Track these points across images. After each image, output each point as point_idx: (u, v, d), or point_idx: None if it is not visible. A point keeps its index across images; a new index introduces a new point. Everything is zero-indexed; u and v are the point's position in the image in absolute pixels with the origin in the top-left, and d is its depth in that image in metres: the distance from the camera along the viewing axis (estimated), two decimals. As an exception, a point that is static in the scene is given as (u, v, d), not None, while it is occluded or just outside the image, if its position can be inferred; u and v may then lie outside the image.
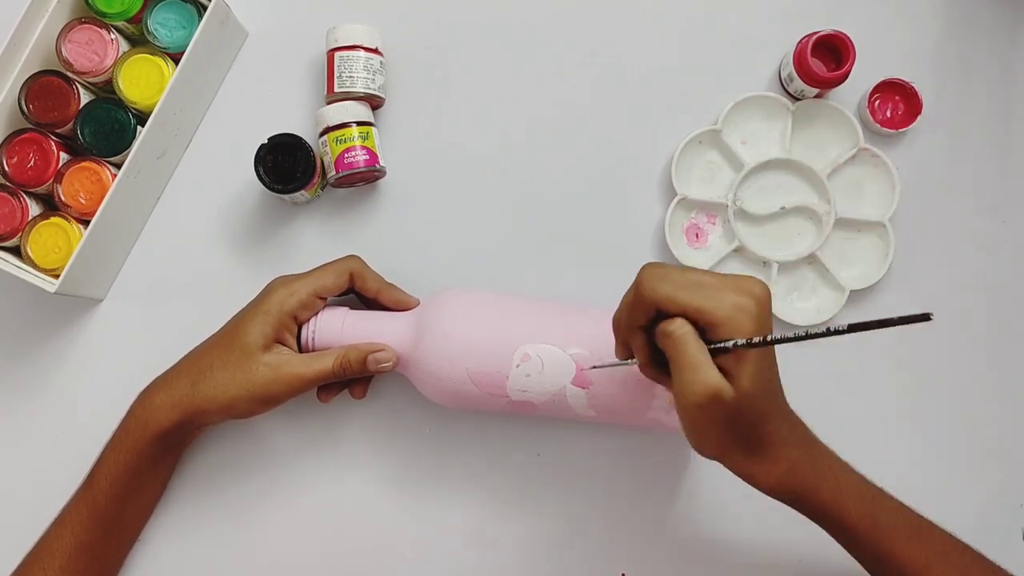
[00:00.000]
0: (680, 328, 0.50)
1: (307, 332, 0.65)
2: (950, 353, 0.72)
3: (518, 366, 0.62)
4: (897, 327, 0.43)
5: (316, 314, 0.65)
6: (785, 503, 0.57)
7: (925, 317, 0.42)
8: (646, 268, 0.52)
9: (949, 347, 0.72)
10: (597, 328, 0.62)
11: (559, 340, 0.62)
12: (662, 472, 0.71)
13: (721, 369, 0.49)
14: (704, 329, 0.50)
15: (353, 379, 0.68)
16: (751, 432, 0.52)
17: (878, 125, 0.71)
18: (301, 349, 0.65)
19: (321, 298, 0.65)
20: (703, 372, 0.49)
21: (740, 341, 0.49)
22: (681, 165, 0.72)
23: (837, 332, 0.47)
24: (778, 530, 0.71)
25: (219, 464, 0.71)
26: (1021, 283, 0.73)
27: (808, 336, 0.48)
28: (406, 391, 0.70)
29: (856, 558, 0.60)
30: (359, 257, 0.67)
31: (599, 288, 0.69)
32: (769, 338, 0.49)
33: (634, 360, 0.55)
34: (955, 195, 0.73)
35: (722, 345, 0.49)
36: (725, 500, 0.71)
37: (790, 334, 0.49)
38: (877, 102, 0.72)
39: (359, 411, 0.71)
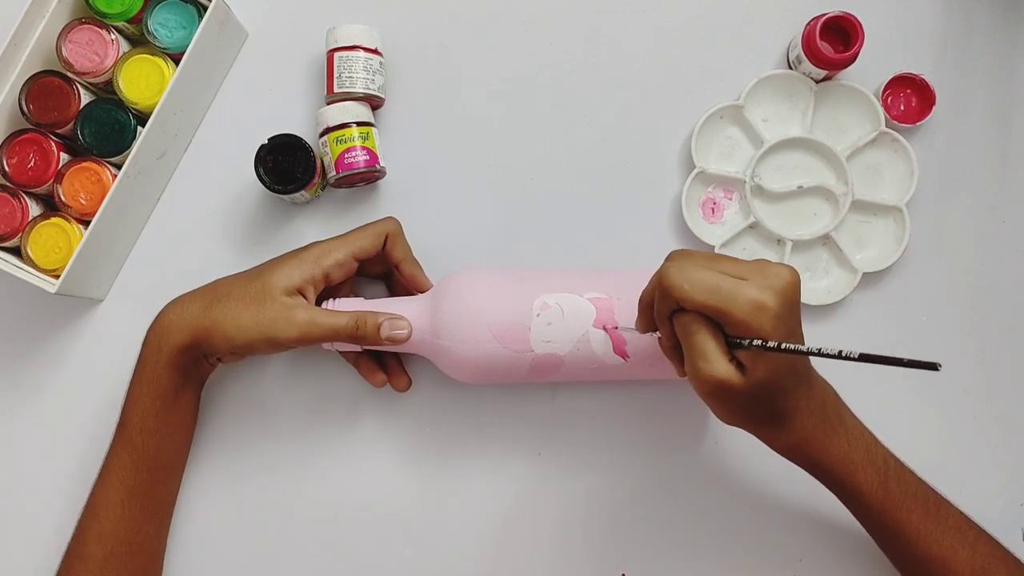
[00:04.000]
0: (690, 321, 0.52)
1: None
2: (951, 351, 0.72)
3: (539, 315, 0.62)
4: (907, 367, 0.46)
5: (335, 299, 0.66)
6: (797, 465, 0.59)
7: (933, 366, 0.45)
8: (669, 261, 0.54)
9: (950, 344, 0.72)
10: (611, 277, 0.64)
11: (576, 288, 0.63)
12: (663, 473, 0.71)
13: (739, 358, 0.51)
14: (723, 325, 0.51)
15: (386, 367, 0.69)
16: (766, 409, 0.54)
17: (895, 121, 0.71)
18: None
19: (357, 260, 0.65)
20: (710, 363, 0.51)
21: (756, 342, 0.50)
22: (701, 139, 0.72)
23: (848, 357, 0.49)
24: (777, 531, 0.71)
25: (237, 436, 0.72)
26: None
27: (820, 354, 0.49)
28: (419, 382, 0.70)
29: (866, 528, 0.62)
30: (397, 220, 0.68)
31: (614, 262, 0.72)
32: (783, 346, 0.50)
33: (657, 333, 0.57)
34: (969, 185, 0.73)
35: (738, 341, 0.51)
36: (726, 502, 0.71)
37: (803, 347, 0.50)
38: (890, 99, 0.72)
39: (371, 398, 0.72)
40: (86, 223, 0.67)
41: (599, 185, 0.73)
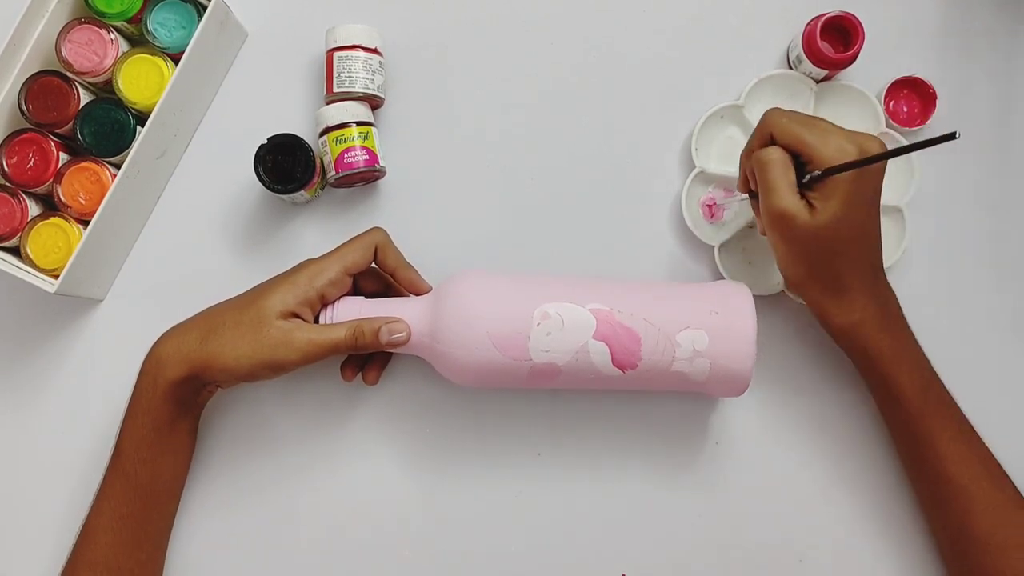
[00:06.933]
0: (768, 154, 0.58)
1: (325, 318, 0.65)
2: (950, 351, 0.72)
3: (538, 325, 0.62)
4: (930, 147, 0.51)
5: (334, 302, 0.65)
6: (846, 351, 0.62)
7: (951, 136, 0.49)
8: (774, 107, 0.61)
9: (949, 344, 0.72)
10: (613, 287, 0.64)
11: (577, 298, 0.63)
12: (663, 473, 0.71)
13: (810, 202, 0.58)
14: (805, 162, 0.57)
15: (368, 361, 0.69)
16: (828, 267, 0.58)
17: (898, 125, 0.71)
18: None
19: (350, 275, 0.65)
20: (779, 194, 0.58)
21: (817, 173, 0.56)
22: (701, 139, 0.72)
23: (888, 155, 0.56)
24: (777, 531, 0.71)
25: (237, 445, 0.72)
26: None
27: (864, 163, 0.56)
28: (418, 384, 0.70)
29: (895, 435, 0.64)
30: (383, 230, 0.67)
31: (613, 262, 0.72)
32: (847, 163, 0.56)
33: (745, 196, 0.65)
34: (969, 185, 0.73)
35: (809, 175, 0.57)
36: (726, 502, 0.71)
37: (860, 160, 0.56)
38: (892, 104, 0.72)
39: (370, 399, 0.72)
40: (86, 223, 0.67)
41: (599, 184, 0.73)
